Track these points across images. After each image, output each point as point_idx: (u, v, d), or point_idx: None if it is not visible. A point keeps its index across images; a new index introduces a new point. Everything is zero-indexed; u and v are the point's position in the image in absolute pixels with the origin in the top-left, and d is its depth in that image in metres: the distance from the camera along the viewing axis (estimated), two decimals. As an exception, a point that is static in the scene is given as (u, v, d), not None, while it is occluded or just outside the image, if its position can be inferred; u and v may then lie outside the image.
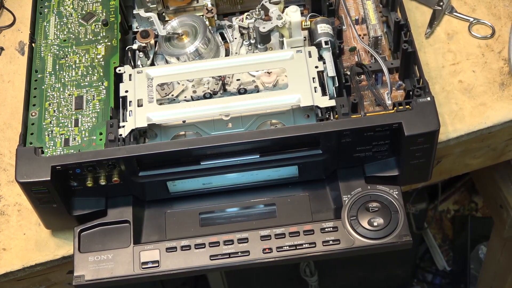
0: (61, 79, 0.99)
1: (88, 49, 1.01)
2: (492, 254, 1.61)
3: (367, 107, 0.97)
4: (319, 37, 0.98)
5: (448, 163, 1.12)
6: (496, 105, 1.03)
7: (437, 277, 1.95)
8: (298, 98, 0.92)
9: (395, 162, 0.93)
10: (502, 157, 1.17)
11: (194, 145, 0.88)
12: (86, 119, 0.95)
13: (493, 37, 1.09)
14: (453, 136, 1.02)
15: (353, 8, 1.06)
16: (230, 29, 1.05)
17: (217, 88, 0.98)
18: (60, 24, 1.04)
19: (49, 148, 0.93)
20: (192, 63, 0.98)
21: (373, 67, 0.98)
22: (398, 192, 0.93)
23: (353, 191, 0.93)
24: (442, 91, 1.05)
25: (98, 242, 0.92)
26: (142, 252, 0.91)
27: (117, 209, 0.94)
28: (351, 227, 0.91)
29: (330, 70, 0.95)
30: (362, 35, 1.04)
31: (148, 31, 1.01)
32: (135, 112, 0.93)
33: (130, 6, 1.08)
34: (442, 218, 1.93)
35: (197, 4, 1.07)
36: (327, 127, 0.88)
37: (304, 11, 1.07)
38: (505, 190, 1.35)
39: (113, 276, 0.90)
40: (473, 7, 1.12)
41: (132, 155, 0.88)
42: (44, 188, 0.88)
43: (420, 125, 0.87)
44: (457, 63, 1.07)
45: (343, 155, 0.92)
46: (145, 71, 0.97)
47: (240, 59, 0.97)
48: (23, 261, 0.97)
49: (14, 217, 1.00)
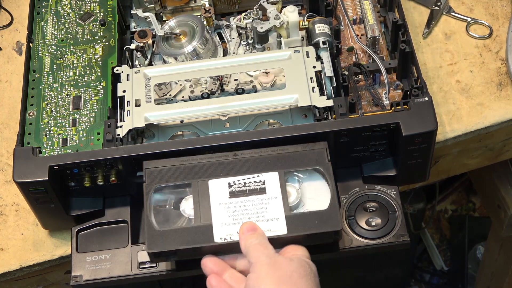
0: (58, 79, 0.99)
1: (85, 49, 1.01)
2: (490, 254, 1.61)
3: (364, 107, 0.97)
4: (317, 37, 0.98)
5: (445, 163, 1.12)
6: (494, 105, 1.04)
7: (435, 277, 1.95)
8: (296, 98, 0.92)
9: (393, 162, 0.93)
10: (500, 157, 1.17)
11: (192, 145, 0.88)
12: (83, 119, 0.95)
13: (490, 37, 1.09)
14: (451, 136, 1.02)
15: (351, 8, 1.06)
16: (228, 29, 1.05)
17: (215, 88, 0.98)
18: (58, 24, 1.04)
19: (47, 148, 0.93)
20: (190, 63, 0.97)
21: (371, 67, 0.98)
22: (395, 192, 0.93)
23: (350, 191, 0.93)
24: (440, 91, 1.05)
25: (95, 242, 0.92)
26: (140, 252, 0.91)
27: (115, 209, 0.94)
28: (349, 227, 0.91)
29: (328, 70, 0.95)
30: (360, 35, 1.04)
31: (146, 31, 1.01)
32: (132, 112, 0.93)
33: (128, 6, 1.08)
34: (440, 218, 1.94)
35: (195, 4, 1.07)
36: (324, 127, 0.88)
37: (302, 11, 1.07)
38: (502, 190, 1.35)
39: (111, 276, 0.90)
40: (471, 7, 1.13)
41: (129, 155, 0.88)
42: (41, 188, 0.88)
43: (418, 125, 0.87)
44: (454, 63, 1.07)
45: (340, 155, 0.92)
46: (143, 71, 0.97)
47: (238, 59, 0.97)
48: (20, 261, 0.97)
49: (11, 217, 1.00)
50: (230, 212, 0.84)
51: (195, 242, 0.82)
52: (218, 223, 0.84)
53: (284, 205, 0.84)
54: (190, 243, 0.82)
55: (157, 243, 0.82)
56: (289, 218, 0.83)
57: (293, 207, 0.86)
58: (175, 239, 0.83)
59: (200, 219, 0.84)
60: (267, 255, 0.79)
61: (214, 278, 0.81)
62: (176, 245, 0.82)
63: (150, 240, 0.83)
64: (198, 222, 0.84)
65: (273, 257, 0.79)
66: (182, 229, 0.84)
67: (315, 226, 0.82)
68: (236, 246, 0.82)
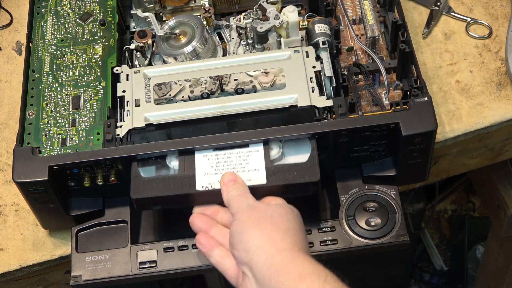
0: (58, 79, 0.99)
1: (85, 49, 1.01)
2: (490, 254, 1.61)
3: (364, 107, 0.97)
4: (317, 37, 0.98)
5: (445, 163, 1.12)
6: (493, 105, 1.04)
7: (434, 277, 1.95)
8: (295, 98, 0.92)
9: (393, 162, 0.93)
10: (499, 157, 1.17)
11: (191, 145, 0.88)
12: (83, 119, 0.95)
13: (490, 37, 1.09)
14: (451, 136, 1.02)
15: (351, 8, 1.06)
16: (227, 29, 1.05)
17: (215, 88, 0.98)
18: (58, 24, 1.04)
19: (47, 148, 0.93)
20: (190, 63, 0.98)
21: (370, 67, 0.98)
22: (395, 192, 0.93)
23: (350, 191, 0.93)
24: (440, 91, 1.05)
25: (95, 242, 0.92)
26: (139, 252, 0.91)
27: (115, 209, 0.94)
28: (349, 227, 0.91)
29: (327, 70, 0.95)
30: (360, 35, 1.04)
31: (145, 31, 1.01)
32: (132, 112, 0.93)
33: (128, 6, 1.08)
34: (440, 218, 1.94)
35: (195, 4, 1.07)
36: (324, 127, 0.88)
37: (302, 11, 1.07)
38: (502, 190, 1.35)
39: (111, 276, 0.90)
40: (471, 7, 1.13)
41: (129, 155, 0.88)
42: (41, 188, 0.88)
43: (418, 125, 0.87)
44: (454, 63, 1.07)
45: (340, 155, 0.92)
46: (143, 71, 0.97)
47: (238, 59, 0.97)
48: (20, 261, 0.97)
49: (11, 217, 1.00)
50: (213, 163, 0.88)
51: (177, 190, 0.86)
52: (201, 173, 0.87)
53: (266, 157, 0.88)
54: (172, 191, 0.86)
55: (141, 190, 0.86)
56: (269, 169, 0.87)
57: (274, 161, 0.88)
58: (159, 187, 0.86)
59: (184, 169, 0.87)
60: (247, 204, 0.82)
61: (202, 237, 0.84)
62: (159, 192, 0.85)
63: (135, 187, 0.86)
64: (182, 172, 0.87)
65: (253, 203, 0.83)
66: (166, 177, 0.87)
67: (294, 177, 0.86)
68: (217, 194, 0.85)
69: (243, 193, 0.84)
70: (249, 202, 0.82)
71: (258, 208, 0.82)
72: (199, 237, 0.84)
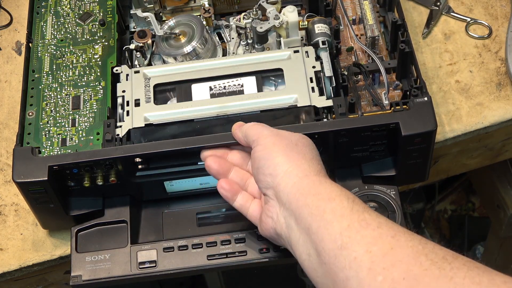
0: (58, 79, 0.99)
1: (85, 49, 1.01)
2: (489, 254, 1.61)
3: (364, 107, 0.97)
4: (316, 37, 0.98)
5: (445, 163, 1.12)
6: (493, 105, 1.04)
7: (434, 277, 1.95)
8: (295, 98, 0.92)
9: (392, 162, 0.93)
10: (499, 157, 1.17)
11: (191, 145, 0.88)
12: (83, 119, 0.95)
13: (490, 37, 1.09)
14: (450, 136, 1.02)
15: (350, 8, 1.07)
16: (227, 29, 1.05)
17: (215, 88, 0.98)
18: (57, 24, 1.04)
19: (46, 148, 0.93)
20: (190, 63, 0.98)
21: (370, 67, 0.98)
22: (395, 192, 0.93)
23: (350, 191, 0.92)
24: (439, 91, 1.05)
25: (95, 242, 0.92)
26: (139, 252, 0.91)
27: (114, 209, 0.94)
28: (348, 227, 0.91)
29: (327, 70, 0.95)
30: (359, 35, 1.04)
31: (145, 31, 1.01)
32: (132, 112, 0.93)
33: (127, 6, 1.08)
34: (439, 218, 1.94)
35: (194, 4, 1.07)
36: (324, 127, 0.88)
37: (302, 11, 1.07)
38: (502, 190, 1.35)
39: (110, 276, 0.90)
40: (470, 7, 1.13)
41: (129, 155, 0.88)
42: (41, 188, 0.88)
43: (417, 125, 0.87)
44: (454, 63, 1.07)
45: (340, 155, 0.92)
46: (142, 71, 0.97)
47: (238, 59, 0.97)
48: (20, 261, 0.97)
49: (11, 217, 1.00)
50: None
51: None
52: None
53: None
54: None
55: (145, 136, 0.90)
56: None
57: None
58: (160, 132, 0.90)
59: None
60: (268, 129, 0.82)
61: (225, 182, 0.84)
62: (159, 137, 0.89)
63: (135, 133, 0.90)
64: None
65: (274, 130, 0.82)
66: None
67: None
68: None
69: (258, 123, 0.84)
70: (269, 128, 0.82)
71: (282, 134, 0.81)
72: (222, 183, 0.84)
